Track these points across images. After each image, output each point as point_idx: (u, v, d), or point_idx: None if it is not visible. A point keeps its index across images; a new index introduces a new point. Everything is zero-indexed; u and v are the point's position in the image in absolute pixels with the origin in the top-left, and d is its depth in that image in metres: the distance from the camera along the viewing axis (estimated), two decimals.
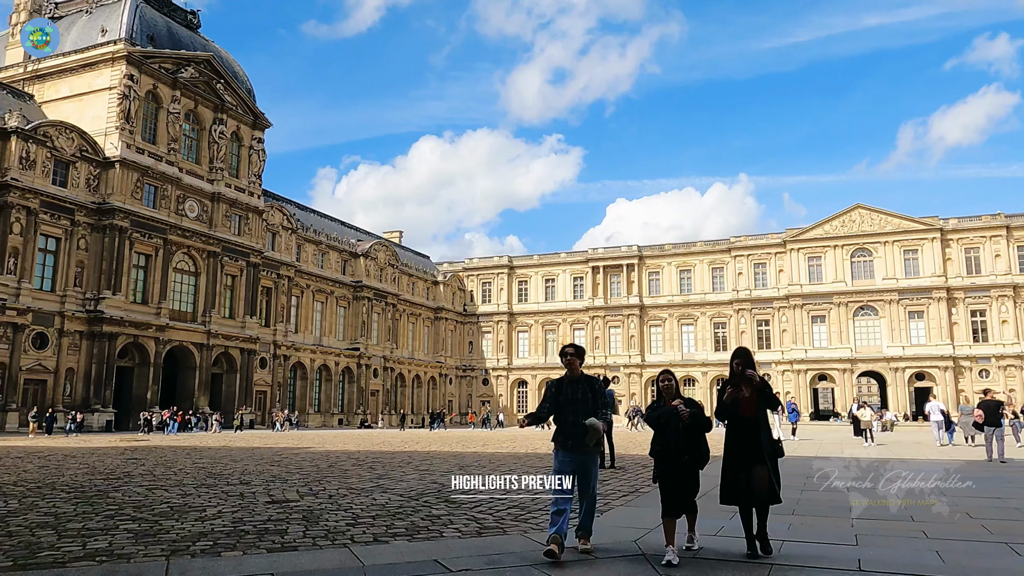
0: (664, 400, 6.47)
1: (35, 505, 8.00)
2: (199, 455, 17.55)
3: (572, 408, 6.33)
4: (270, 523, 6.69)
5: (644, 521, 7.04)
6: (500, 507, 8.08)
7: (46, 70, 47.06)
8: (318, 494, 9.08)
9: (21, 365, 38.39)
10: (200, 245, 48.60)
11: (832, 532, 6.92)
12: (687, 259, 78.80)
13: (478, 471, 13.18)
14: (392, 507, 7.91)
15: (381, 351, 68.48)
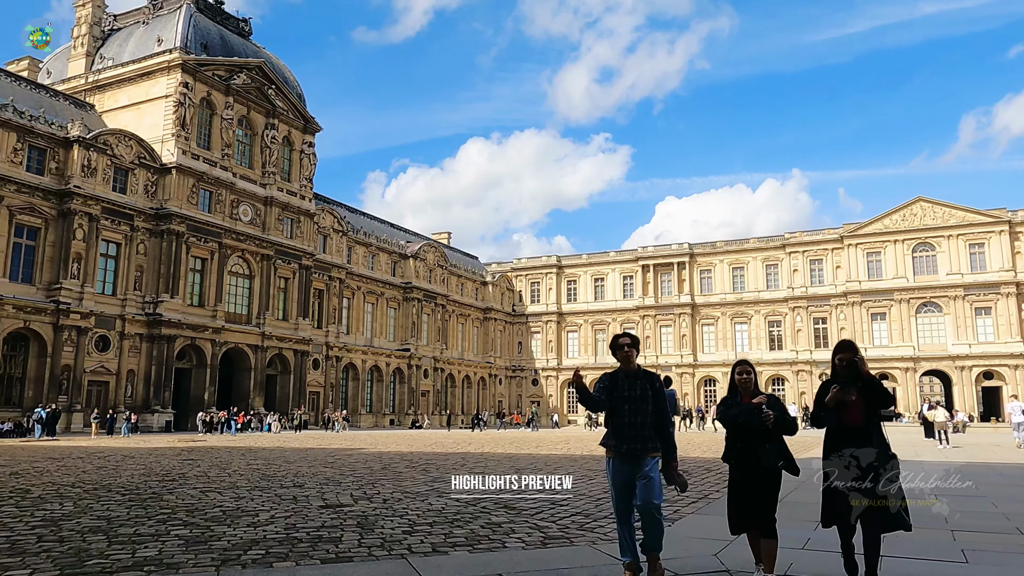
0: (741, 396, 5.55)
1: (89, 508, 7.89)
2: (253, 456, 17.56)
3: (629, 407, 5.38)
4: (324, 530, 6.39)
5: (722, 531, 6.47)
6: (563, 514, 7.64)
7: (106, 80, 48.42)
8: (372, 498, 8.78)
9: (85, 367, 39.49)
10: (254, 248, 49.36)
11: (931, 545, 6.26)
12: (740, 256, 77.02)
13: (533, 473, 12.76)
14: (449, 513, 7.54)
15: (431, 352, 68.65)
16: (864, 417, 5.22)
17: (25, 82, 44.52)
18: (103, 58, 49.91)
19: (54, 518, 7.12)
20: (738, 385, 5.64)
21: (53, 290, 38.57)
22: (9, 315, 36.67)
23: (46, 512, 7.52)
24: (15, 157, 37.92)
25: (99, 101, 48.30)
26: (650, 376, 5.67)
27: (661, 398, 5.57)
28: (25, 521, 6.87)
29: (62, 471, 12.89)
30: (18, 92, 41.21)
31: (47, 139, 39.40)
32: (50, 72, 52.33)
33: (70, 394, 38.47)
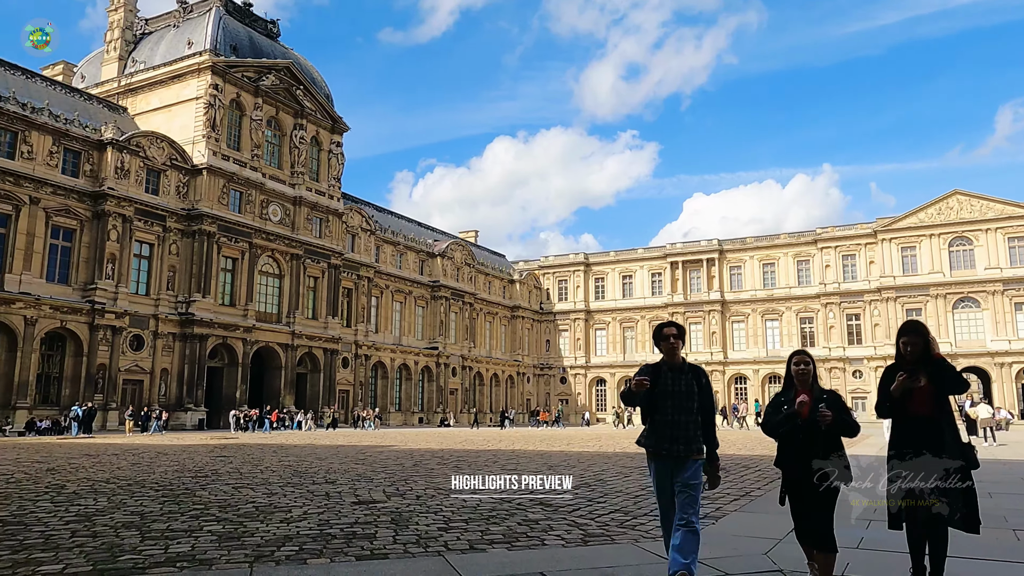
0: (796, 391, 4.89)
1: (123, 503, 7.85)
2: (285, 453, 17.57)
3: (672, 404, 4.86)
4: (358, 526, 6.25)
5: (769, 529, 6.21)
6: (601, 511, 7.41)
7: (138, 83, 49.10)
8: (405, 495, 8.64)
9: (120, 366, 40.07)
10: (283, 248, 49.74)
11: (995, 546, 5.92)
12: (770, 252, 75.93)
13: (566, 471, 12.54)
14: (484, 510, 7.36)
15: (459, 350, 68.67)
16: (933, 406, 4.66)
17: (60, 86, 45.30)
18: (135, 61, 50.63)
19: (88, 513, 7.07)
20: (795, 377, 4.97)
21: (88, 290, 39.20)
22: (46, 315, 37.34)
23: (80, 507, 7.49)
24: (51, 160, 38.58)
25: (131, 104, 49.00)
26: (696, 371, 5.13)
27: (708, 395, 5.10)
28: (59, 516, 6.83)
29: (97, 467, 12.97)
30: (53, 96, 41.93)
31: (81, 142, 40.04)
32: (84, 76, 53.23)
33: (106, 392, 39.06)
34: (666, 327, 5.19)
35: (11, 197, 36.63)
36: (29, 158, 37.59)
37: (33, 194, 37.48)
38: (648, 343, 78.80)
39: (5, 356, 36.33)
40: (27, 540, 5.69)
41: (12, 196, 36.66)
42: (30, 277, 37.03)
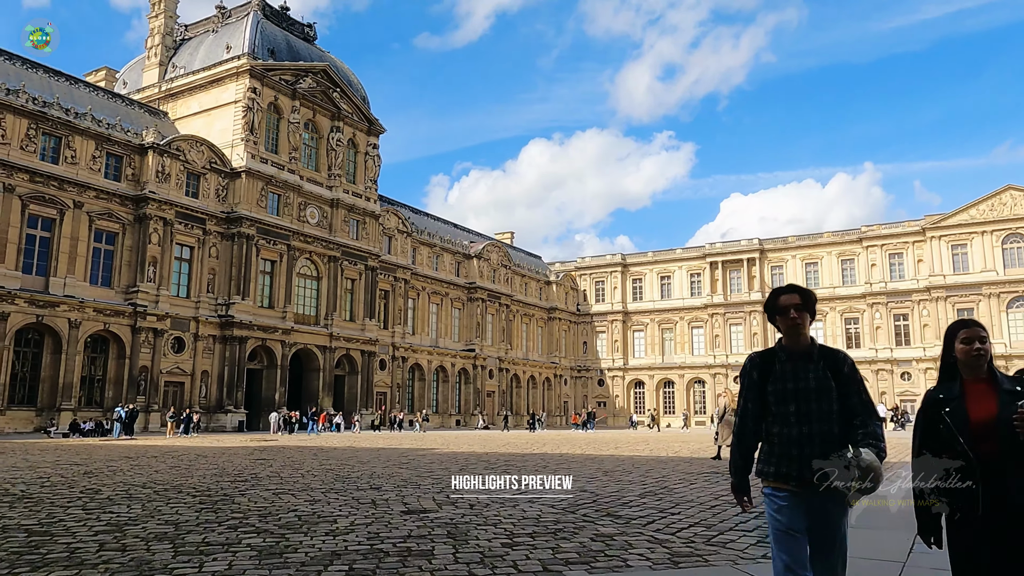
0: (963, 381, 3.32)
1: (158, 511, 7.33)
2: (326, 456, 17.10)
3: (799, 407, 3.38)
4: (411, 541, 5.60)
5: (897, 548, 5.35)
6: (678, 524, 6.65)
7: (178, 88, 49.53)
8: (457, 503, 7.98)
9: (161, 368, 40.30)
10: (321, 250, 49.71)
11: None
12: (813, 251, 73.96)
13: (625, 476, 11.79)
14: (548, 522, 6.66)
15: (496, 352, 68.11)
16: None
17: (102, 92, 45.85)
18: (175, 67, 51.12)
19: (120, 522, 6.55)
20: (964, 363, 3.33)
21: (131, 293, 39.49)
22: (90, 318, 37.68)
23: (112, 515, 6.99)
24: (94, 164, 38.97)
25: (172, 109, 49.45)
26: (832, 356, 3.51)
27: (854, 389, 3.46)
28: (89, 526, 6.32)
29: (135, 470, 12.60)
30: (96, 101, 42.42)
31: (123, 146, 40.40)
32: (126, 83, 53.94)
33: (148, 394, 39.29)
34: (784, 293, 3.55)
35: (56, 201, 37.06)
36: (72, 163, 38.02)
37: (77, 198, 37.87)
38: (688, 344, 77.33)
39: (50, 358, 36.73)
40: (50, 555, 5.15)
41: (56, 200, 37.09)
42: (74, 280, 37.41)
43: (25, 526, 6.25)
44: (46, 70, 41.24)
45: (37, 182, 36.35)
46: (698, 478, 10.84)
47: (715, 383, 74.69)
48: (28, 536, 5.76)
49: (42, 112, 36.77)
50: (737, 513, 7.07)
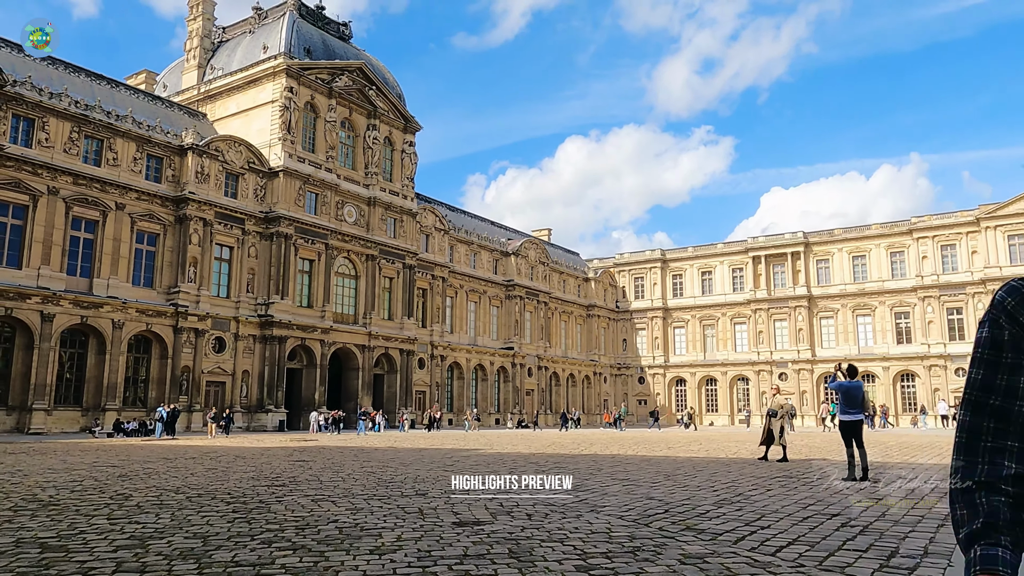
0: None
1: (187, 520, 6.73)
2: (367, 457, 16.53)
3: None
4: (469, 561, 4.86)
5: None
6: (775, 541, 5.74)
7: (216, 90, 49.78)
8: (512, 512, 7.23)
9: (203, 368, 40.46)
10: (359, 249, 49.54)
11: None
12: (860, 244, 71.63)
13: (685, 479, 10.93)
14: (621, 537, 5.86)
15: (535, 350, 67.38)
16: None
17: (143, 94, 46.25)
18: (213, 68, 51.41)
19: (144, 535, 5.95)
20: None
21: (172, 293, 39.71)
22: (133, 318, 37.94)
23: (138, 526, 6.41)
24: (135, 166, 39.25)
25: (210, 110, 49.72)
26: None
27: None
28: (111, 539, 5.73)
29: (171, 472, 12.15)
30: (136, 104, 42.76)
31: (163, 147, 40.63)
32: (166, 86, 54.45)
33: (190, 394, 39.47)
34: None
35: (98, 203, 37.38)
36: (114, 165, 38.32)
37: (119, 200, 38.17)
38: (731, 341, 75.67)
39: (95, 359, 37.07)
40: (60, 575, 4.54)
41: (99, 202, 37.41)
42: (117, 281, 37.71)
43: (42, 539, 5.70)
44: (88, 74, 41.68)
45: (80, 184, 36.70)
46: (771, 483, 9.93)
47: (759, 381, 72.90)
48: (41, 552, 5.18)
49: (84, 115, 37.11)
50: (840, 526, 6.20)
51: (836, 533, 5.91)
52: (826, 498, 8.23)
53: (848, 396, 10.16)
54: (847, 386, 10.22)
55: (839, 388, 10.31)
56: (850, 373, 10.33)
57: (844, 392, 10.22)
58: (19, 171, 34.59)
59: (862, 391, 10.30)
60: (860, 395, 10.18)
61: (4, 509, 7.45)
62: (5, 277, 33.61)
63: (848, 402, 10.12)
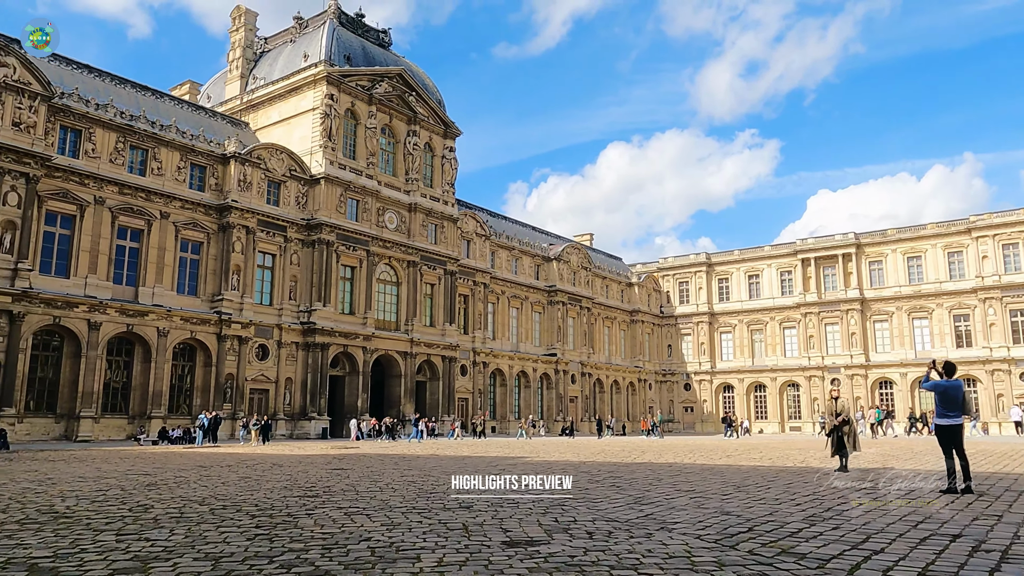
0: None
1: (203, 537, 6.00)
2: (408, 465, 15.78)
3: None
4: None
5: None
6: (902, 571, 4.74)
7: (258, 99, 50.07)
8: (570, 529, 6.33)
9: (246, 375, 40.42)
10: (400, 255, 49.21)
11: None
12: (915, 244, 68.91)
13: (758, 491, 9.88)
14: (707, 563, 4.89)
15: (578, 356, 66.24)
16: None
17: (186, 104, 46.69)
18: (255, 78, 51.77)
19: (150, 555, 5.22)
20: None
21: (216, 301, 39.78)
22: (177, 326, 38.07)
23: (146, 544, 5.69)
24: (179, 175, 39.48)
25: (253, 119, 50.01)
26: None
27: None
28: (110, 560, 5.01)
29: (202, 482, 11.54)
30: (180, 114, 43.12)
31: (206, 156, 40.83)
32: (209, 96, 55.06)
33: (234, 402, 39.44)
34: None
35: (143, 212, 37.65)
36: (159, 174, 38.59)
37: (163, 208, 38.41)
38: (780, 346, 73.44)
39: (140, 367, 37.26)
40: None
41: (144, 211, 37.68)
42: (162, 289, 37.90)
43: (35, 559, 5.03)
44: (134, 85, 42.18)
45: (126, 194, 37.01)
46: (860, 496, 8.82)
47: (811, 387, 70.57)
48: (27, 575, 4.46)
49: (130, 125, 37.45)
50: (971, 550, 5.15)
51: (972, 560, 4.87)
52: (933, 513, 7.13)
53: (946, 398, 9.00)
54: (945, 386, 9.06)
55: (935, 388, 9.16)
56: (947, 371, 9.16)
57: (941, 393, 9.05)
58: (67, 181, 35.00)
59: (962, 391, 9.10)
60: (960, 396, 9.01)
61: (12, 522, 6.87)
62: (54, 286, 33.96)
63: (946, 404, 8.96)
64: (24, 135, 32.85)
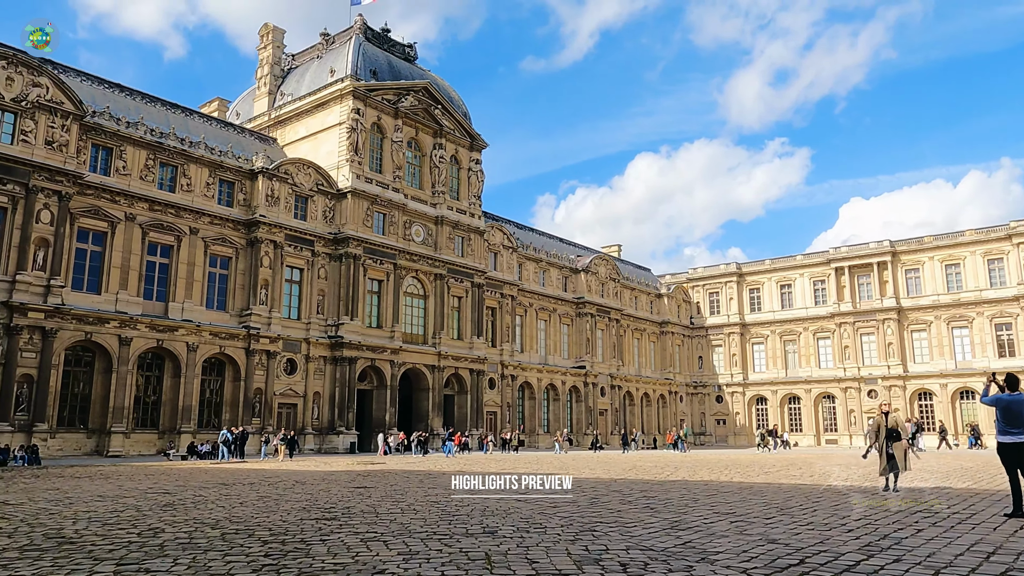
0: None
1: (207, 568, 5.61)
2: (432, 483, 15.33)
3: None
4: None
5: None
6: None
7: (286, 115, 50.45)
8: (602, 560, 5.81)
9: (275, 390, 40.41)
10: (427, 268, 49.05)
11: None
12: (953, 251, 67.12)
13: (804, 514, 9.26)
14: None
15: (607, 369, 65.41)
16: None
17: (215, 121, 47.17)
18: (283, 95, 52.20)
19: None
20: None
21: (244, 316, 39.88)
22: (206, 341, 38.21)
23: None
24: (207, 191, 39.77)
25: (280, 135, 50.38)
26: None
27: None
28: None
29: (220, 501, 11.21)
30: (209, 130, 43.53)
31: (234, 172, 41.10)
32: (238, 113, 55.65)
33: (262, 416, 39.42)
34: None
35: (173, 228, 37.94)
36: (188, 190, 38.89)
37: (192, 224, 38.68)
38: (814, 357, 71.86)
39: (170, 382, 37.42)
40: None
41: (174, 227, 37.97)
42: (191, 305, 38.09)
43: None
44: (163, 103, 42.70)
45: (156, 210, 37.33)
46: (916, 519, 8.15)
47: (847, 398, 68.87)
48: None
49: (159, 143, 37.83)
50: None
51: None
52: (1003, 543, 6.48)
53: (1009, 413, 8.25)
54: (1007, 400, 8.31)
55: (996, 403, 8.42)
56: (1010, 384, 8.42)
57: (1003, 408, 8.30)
58: (98, 199, 35.39)
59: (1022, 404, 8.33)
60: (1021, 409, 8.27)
61: (13, 548, 6.56)
62: (85, 302, 34.28)
63: (1009, 420, 8.20)
64: (57, 153, 33.31)
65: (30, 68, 33.16)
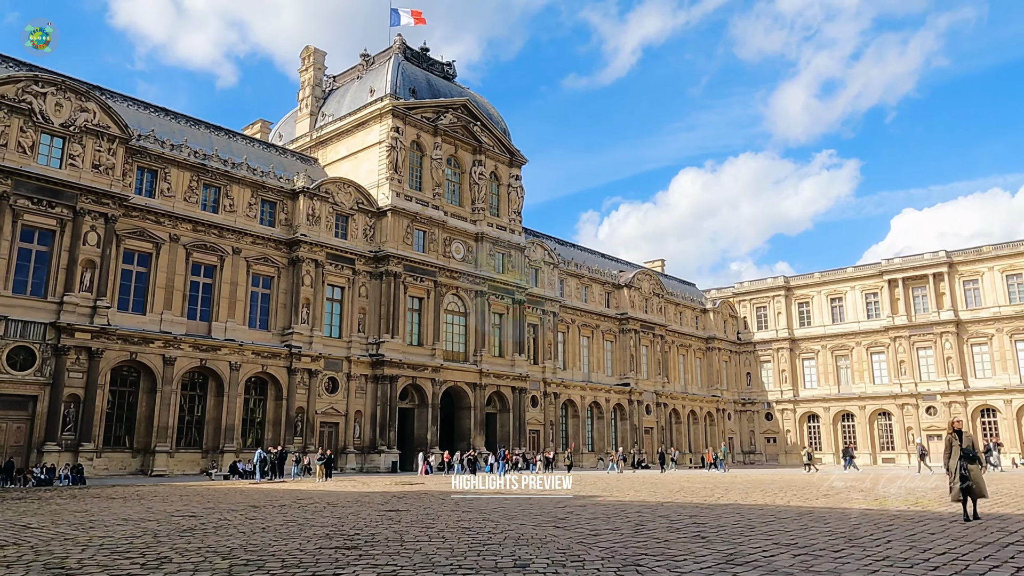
0: None
1: None
2: (467, 507, 14.67)
3: None
4: None
5: None
6: None
7: (327, 135, 50.91)
8: None
9: (317, 408, 40.31)
10: (467, 285, 48.67)
11: None
12: (1014, 261, 64.36)
13: (876, 547, 8.34)
14: None
15: (652, 386, 63.99)
16: None
17: (257, 143, 47.80)
18: (324, 116, 52.75)
19: None
20: None
21: (286, 335, 39.96)
22: (249, 360, 38.33)
23: None
24: (250, 211, 40.12)
25: (322, 155, 50.82)
26: None
27: None
28: None
29: (243, 525, 10.74)
30: (251, 152, 44.06)
31: (276, 192, 41.42)
32: (281, 135, 56.43)
33: (304, 435, 39.31)
34: None
35: (216, 248, 38.30)
36: (231, 211, 39.28)
37: (235, 244, 39.00)
38: (867, 372, 69.22)
39: (213, 401, 37.57)
40: None
41: (217, 248, 38.33)
42: (234, 324, 38.30)
43: None
44: (207, 126, 43.41)
45: (199, 231, 37.74)
46: (1009, 553, 7.19)
47: (903, 415, 66.14)
48: None
49: (202, 164, 38.33)
50: None
51: None
52: None
53: None
54: None
55: None
56: None
57: None
58: (143, 220, 35.92)
59: None
60: None
61: None
62: (131, 322, 34.69)
63: None
64: (103, 176, 33.92)
65: (78, 94, 33.93)
